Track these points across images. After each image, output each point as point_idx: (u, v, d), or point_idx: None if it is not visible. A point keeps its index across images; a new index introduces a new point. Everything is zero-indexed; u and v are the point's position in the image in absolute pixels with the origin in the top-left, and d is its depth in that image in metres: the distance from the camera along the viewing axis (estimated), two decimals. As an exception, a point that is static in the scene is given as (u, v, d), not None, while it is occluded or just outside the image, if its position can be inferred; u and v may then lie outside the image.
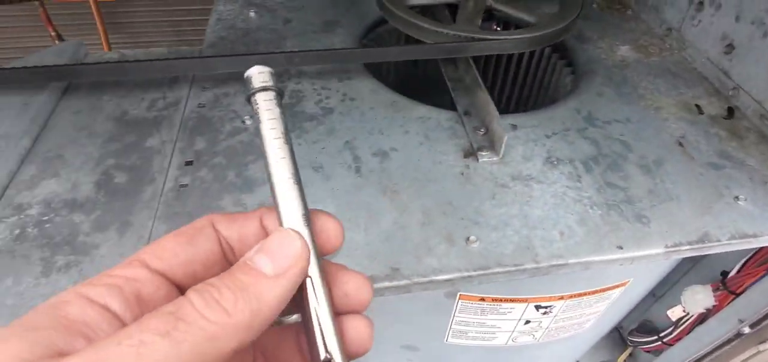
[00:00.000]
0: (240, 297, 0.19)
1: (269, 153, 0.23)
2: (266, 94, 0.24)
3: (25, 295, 0.43)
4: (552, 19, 0.67)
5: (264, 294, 0.20)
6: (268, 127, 0.23)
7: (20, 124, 0.57)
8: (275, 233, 0.22)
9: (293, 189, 0.23)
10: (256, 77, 0.24)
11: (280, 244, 0.21)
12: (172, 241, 0.22)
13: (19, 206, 0.51)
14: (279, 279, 0.20)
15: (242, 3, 0.86)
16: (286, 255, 0.21)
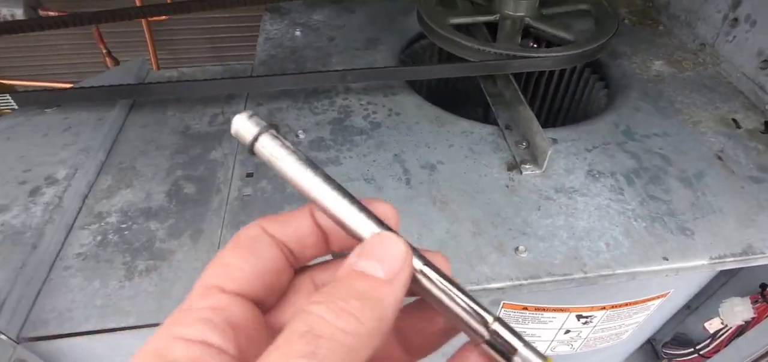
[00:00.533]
0: (366, 304, 0.19)
1: (306, 183, 0.22)
2: (266, 135, 0.22)
3: (112, 296, 0.47)
4: (590, 37, 0.70)
5: (385, 298, 0.20)
6: (290, 161, 0.22)
7: (97, 137, 0.62)
8: (375, 238, 0.21)
9: (350, 201, 0.22)
10: (246, 126, 0.22)
11: (384, 248, 0.21)
12: (236, 257, 0.21)
13: (99, 214, 0.55)
14: (395, 282, 0.20)
15: (288, 23, 0.90)
16: (395, 257, 0.20)
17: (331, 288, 0.19)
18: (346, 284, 0.19)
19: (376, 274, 0.20)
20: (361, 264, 0.20)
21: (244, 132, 0.22)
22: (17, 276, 0.46)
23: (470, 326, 0.21)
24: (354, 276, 0.20)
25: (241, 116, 0.22)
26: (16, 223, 0.51)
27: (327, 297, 0.19)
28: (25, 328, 0.44)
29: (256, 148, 0.22)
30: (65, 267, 0.49)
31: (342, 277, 0.20)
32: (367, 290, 0.19)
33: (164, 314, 0.45)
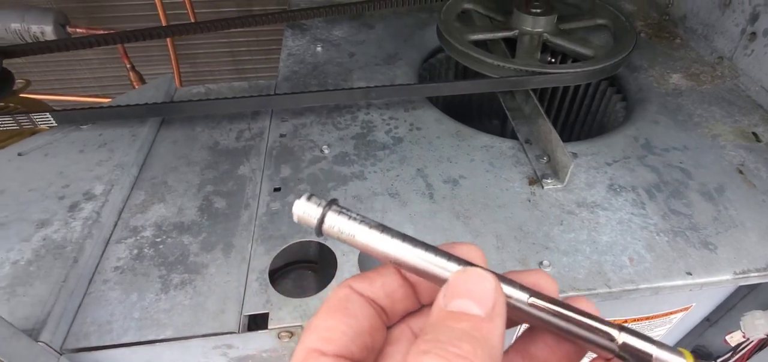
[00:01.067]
0: (477, 345, 0.18)
1: (383, 247, 0.22)
2: (331, 213, 0.22)
3: (149, 309, 0.49)
4: (609, 52, 0.71)
5: (490, 335, 0.19)
6: (361, 231, 0.22)
7: (130, 153, 0.64)
8: (459, 276, 0.21)
9: (430, 251, 0.22)
10: (309, 209, 0.22)
11: (472, 284, 0.20)
12: (331, 320, 0.22)
13: (134, 229, 0.57)
14: (494, 317, 0.20)
15: (309, 39, 0.93)
16: (486, 291, 0.20)
17: (432, 334, 0.19)
18: (446, 327, 0.19)
19: (473, 312, 0.19)
20: (454, 305, 0.20)
21: (309, 215, 0.22)
22: (60, 290, 0.48)
23: (596, 343, 0.20)
24: (452, 318, 0.19)
25: (301, 202, 0.23)
26: (57, 238, 0.54)
27: (434, 344, 0.18)
28: (67, 340, 0.46)
29: (324, 229, 0.22)
30: (104, 280, 0.51)
31: (437, 321, 0.20)
32: (470, 330, 0.19)
33: (200, 326, 0.47)
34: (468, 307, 0.20)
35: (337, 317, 0.22)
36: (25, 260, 0.51)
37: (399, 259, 0.22)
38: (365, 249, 0.22)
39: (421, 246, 0.22)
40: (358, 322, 0.22)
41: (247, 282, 0.51)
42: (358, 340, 0.22)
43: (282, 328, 0.47)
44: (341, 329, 0.21)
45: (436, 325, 0.20)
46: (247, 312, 0.48)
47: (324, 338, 0.21)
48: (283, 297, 0.49)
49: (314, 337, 0.21)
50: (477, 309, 0.20)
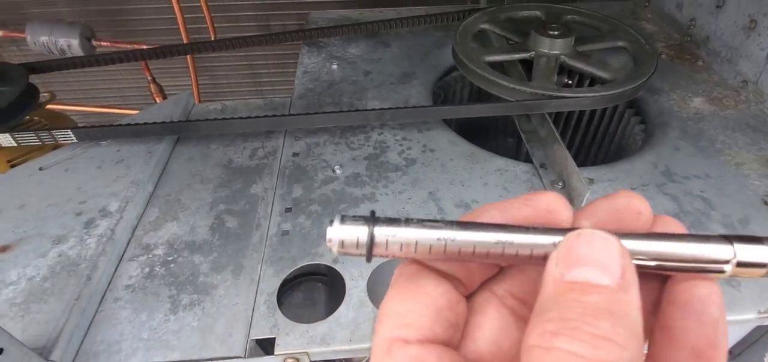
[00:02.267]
0: (616, 322, 0.15)
1: (465, 239, 0.19)
2: (380, 228, 0.19)
3: (158, 330, 0.49)
4: (628, 76, 0.69)
5: (630, 310, 0.16)
6: (426, 235, 0.19)
7: (146, 170, 0.65)
8: (575, 239, 0.17)
9: (511, 229, 0.19)
10: (350, 231, 0.19)
11: (595, 249, 0.17)
12: (406, 303, 0.19)
13: (147, 246, 0.58)
14: (629, 288, 0.16)
15: (325, 56, 0.93)
16: (612, 255, 0.17)
17: (556, 310, 0.16)
18: (572, 302, 0.16)
19: (602, 282, 0.16)
20: (576, 274, 0.17)
21: (352, 240, 0.19)
22: (72, 308, 0.48)
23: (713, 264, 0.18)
24: (576, 290, 0.16)
25: (336, 227, 0.19)
26: (72, 254, 0.55)
27: (562, 324, 0.15)
28: (77, 359, 0.47)
29: (376, 249, 0.19)
30: (115, 298, 0.52)
31: (556, 295, 0.17)
32: (605, 304, 0.16)
33: (207, 349, 0.47)
34: (594, 276, 0.16)
35: (411, 298, 0.20)
36: (41, 276, 0.52)
37: (483, 252, 0.19)
38: (432, 255, 0.19)
39: (504, 229, 0.19)
40: (435, 300, 0.20)
41: (255, 305, 0.51)
42: (439, 319, 0.19)
43: (288, 355, 0.47)
44: (419, 311, 0.19)
45: (557, 300, 0.16)
46: (254, 336, 0.48)
47: (402, 324, 0.19)
48: (290, 322, 0.49)
49: (391, 325, 0.19)
50: (605, 278, 0.16)
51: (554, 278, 0.17)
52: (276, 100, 0.83)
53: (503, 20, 0.87)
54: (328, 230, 0.19)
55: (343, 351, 0.47)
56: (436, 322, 0.19)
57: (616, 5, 1.07)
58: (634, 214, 0.20)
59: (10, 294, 0.51)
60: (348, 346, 0.47)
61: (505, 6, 0.89)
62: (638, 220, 0.20)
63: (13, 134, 0.65)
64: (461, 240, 0.19)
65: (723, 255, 0.18)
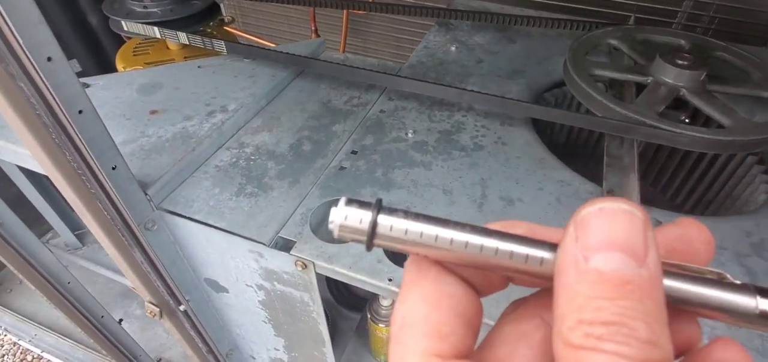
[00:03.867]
0: (653, 324, 0.14)
1: (478, 242, 0.17)
2: (385, 216, 0.18)
3: (221, 203, 0.62)
4: (750, 127, 0.59)
5: (659, 300, 0.14)
6: (427, 228, 0.18)
7: (266, 88, 0.80)
8: (597, 215, 0.15)
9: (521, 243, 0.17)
10: (354, 213, 0.18)
11: (620, 225, 0.15)
12: (437, 311, 0.17)
13: (242, 143, 0.72)
14: (656, 276, 0.14)
15: (449, 38, 0.98)
16: (638, 235, 0.15)
17: (579, 312, 0.14)
18: (601, 301, 0.14)
19: (629, 271, 0.14)
20: (602, 262, 0.14)
21: (354, 223, 0.18)
22: (174, 166, 0.64)
23: (735, 314, 0.16)
24: (602, 282, 0.14)
25: (340, 208, 0.18)
26: (191, 130, 0.71)
27: (605, 329, 0.14)
28: (164, 202, 0.62)
29: (378, 238, 0.17)
30: (205, 171, 0.67)
31: (585, 286, 0.14)
32: (639, 301, 0.14)
33: (245, 229, 0.58)
34: (623, 266, 0.14)
35: (443, 306, 0.17)
36: (166, 138, 0.70)
37: (487, 260, 0.17)
38: (433, 253, 0.18)
39: (517, 240, 0.17)
40: (467, 308, 0.18)
41: (293, 213, 0.60)
42: (470, 331, 0.17)
43: (298, 257, 0.55)
44: (452, 321, 0.17)
45: (588, 295, 0.14)
46: (281, 234, 0.58)
47: (437, 335, 0.17)
48: (311, 235, 0.57)
49: (423, 337, 0.17)
50: (633, 265, 0.14)
51: (576, 263, 0.15)
52: (389, 64, 0.90)
53: (637, 40, 0.80)
54: (331, 210, 0.18)
55: (340, 273, 0.54)
56: (468, 334, 0.17)
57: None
58: (706, 245, 0.18)
59: (144, 142, 0.69)
60: (346, 271, 0.53)
61: (647, 27, 0.82)
62: (708, 252, 0.18)
63: (188, 35, 0.85)
64: (470, 242, 0.17)
65: (746, 303, 0.16)
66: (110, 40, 1.52)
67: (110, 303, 1.16)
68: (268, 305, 0.69)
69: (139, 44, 1.00)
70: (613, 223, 0.15)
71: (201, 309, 0.75)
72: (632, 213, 0.15)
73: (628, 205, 0.15)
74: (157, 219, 0.61)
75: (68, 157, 0.50)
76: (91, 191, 0.53)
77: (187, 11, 0.88)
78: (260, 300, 0.68)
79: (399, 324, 0.17)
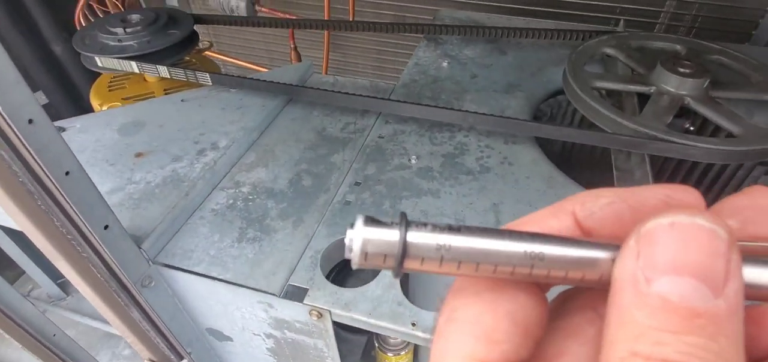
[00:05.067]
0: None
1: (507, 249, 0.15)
2: (413, 231, 0.15)
3: (223, 251, 0.58)
4: (762, 135, 0.59)
5: (736, 342, 0.12)
6: (473, 241, 0.15)
7: (256, 120, 0.76)
8: (663, 230, 0.13)
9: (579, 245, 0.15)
10: (378, 234, 0.15)
11: (695, 248, 0.12)
12: (488, 308, 0.15)
13: (237, 182, 0.68)
14: (736, 311, 0.12)
15: (440, 53, 0.96)
16: (717, 261, 0.12)
17: (650, 342, 0.12)
18: (674, 336, 0.12)
19: (706, 306, 0.12)
20: (668, 287, 0.12)
21: (380, 245, 0.15)
22: (168, 214, 0.60)
23: None
24: (674, 314, 0.12)
25: (358, 229, 0.15)
26: (181, 172, 0.67)
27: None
28: (160, 254, 0.58)
29: (408, 260, 0.15)
30: (201, 216, 0.62)
31: (645, 313, 0.12)
32: (711, 333, 0.12)
33: (252, 279, 0.54)
34: (695, 297, 0.12)
35: (498, 309, 0.15)
36: (155, 183, 0.65)
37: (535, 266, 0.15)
38: (478, 272, 0.15)
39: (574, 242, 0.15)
40: (526, 312, 0.15)
41: (302, 257, 0.57)
42: (528, 338, 0.15)
43: (313, 307, 0.52)
44: (507, 326, 0.15)
45: (636, 327, 0.12)
46: (292, 282, 0.54)
47: (488, 340, 0.14)
48: (324, 280, 0.54)
49: (471, 338, 0.15)
50: (709, 296, 0.12)
51: (635, 281, 0.13)
52: (381, 84, 0.88)
53: (633, 48, 0.79)
54: (348, 233, 0.15)
55: (360, 321, 0.51)
56: (523, 345, 0.15)
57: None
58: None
59: (132, 190, 0.64)
60: (365, 318, 0.50)
61: (641, 33, 0.82)
62: None
63: (170, 68, 0.80)
64: (516, 254, 0.14)
65: None
66: (78, 69, 1.45)
67: (96, 345, 1.09)
68: (278, 352, 0.65)
69: (114, 78, 0.94)
70: (687, 242, 0.12)
71: (203, 360, 0.70)
72: (714, 231, 0.12)
73: (708, 221, 0.13)
74: (153, 275, 0.57)
75: (56, 223, 0.45)
76: (83, 255, 0.49)
77: (165, 42, 0.84)
78: (269, 347, 0.64)
79: (446, 317, 0.16)
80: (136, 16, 0.86)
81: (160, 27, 0.86)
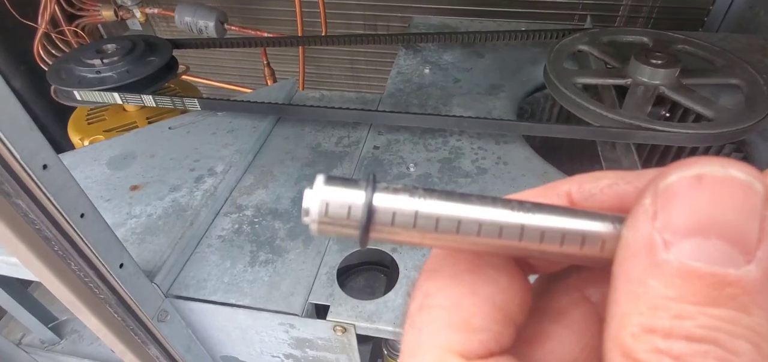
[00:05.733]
0: (761, 341, 0.10)
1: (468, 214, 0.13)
2: (381, 192, 0.13)
3: (237, 277, 0.58)
4: (734, 117, 0.64)
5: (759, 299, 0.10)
6: (445, 206, 0.13)
7: (249, 142, 0.75)
8: (687, 183, 0.11)
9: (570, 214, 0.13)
10: (340, 195, 0.13)
11: (725, 204, 0.11)
12: (467, 295, 0.14)
13: (239, 206, 0.67)
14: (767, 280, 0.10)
15: (420, 60, 0.98)
16: (752, 218, 0.10)
17: (669, 314, 0.10)
18: (687, 299, 0.10)
19: (732, 268, 0.10)
20: (693, 253, 0.11)
21: (342, 204, 0.13)
22: (176, 245, 0.59)
23: None
24: (689, 282, 0.10)
25: (318, 188, 0.13)
26: (182, 202, 0.66)
27: (688, 347, 0.10)
28: (172, 287, 0.57)
29: (376, 225, 0.13)
30: (208, 244, 0.62)
31: (659, 293, 0.11)
32: (743, 305, 0.10)
33: (272, 302, 0.54)
34: (722, 258, 0.10)
35: (478, 292, 0.13)
36: (157, 215, 0.64)
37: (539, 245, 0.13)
38: (463, 239, 0.13)
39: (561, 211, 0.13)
40: (509, 298, 0.14)
41: (317, 274, 0.57)
42: (509, 327, 0.14)
43: (338, 323, 0.52)
44: (486, 310, 0.13)
45: (651, 298, 0.11)
46: (312, 300, 0.54)
47: (465, 327, 0.13)
48: (344, 295, 0.55)
49: (446, 328, 0.13)
50: (739, 257, 0.10)
51: (651, 246, 0.11)
52: (367, 96, 0.89)
53: (605, 43, 0.84)
54: (306, 194, 0.13)
55: (386, 331, 0.52)
56: (505, 333, 0.13)
57: (745, 39, 0.97)
58: None
59: (133, 224, 0.63)
60: (391, 327, 0.51)
61: (610, 28, 0.87)
62: None
63: (155, 97, 0.79)
64: (505, 221, 0.13)
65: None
66: (41, 103, 1.38)
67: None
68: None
69: (92, 111, 0.91)
70: (717, 198, 0.10)
71: (216, 390, 0.69)
72: (749, 185, 0.11)
73: (744, 173, 0.11)
74: (168, 309, 0.56)
75: (73, 266, 0.44)
76: (100, 297, 0.47)
77: (146, 70, 0.82)
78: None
79: (419, 303, 0.14)
80: (112, 45, 0.84)
81: (138, 55, 0.84)
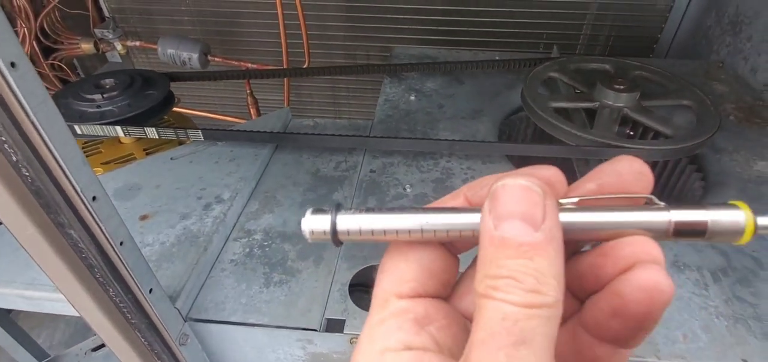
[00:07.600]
0: (540, 277, 0.17)
1: (411, 224, 0.21)
2: (342, 216, 0.22)
3: (254, 298, 0.61)
4: (689, 133, 0.73)
5: (549, 259, 0.17)
6: (382, 219, 0.22)
7: (252, 169, 0.79)
8: (503, 190, 0.19)
9: (456, 212, 0.21)
10: (318, 221, 0.23)
11: (515, 199, 0.18)
12: (403, 260, 0.22)
13: (248, 231, 0.71)
14: (551, 239, 0.18)
15: (405, 88, 1.04)
16: (536, 206, 0.18)
17: (494, 267, 0.18)
18: (505, 262, 0.17)
19: (522, 238, 0.18)
20: (505, 229, 0.18)
21: (320, 227, 0.22)
22: (192, 270, 0.62)
23: (651, 231, 0.19)
24: (508, 248, 0.18)
25: (308, 218, 0.23)
26: (193, 228, 0.68)
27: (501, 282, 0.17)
28: (192, 310, 0.60)
29: (340, 234, 0.22)
30: (222, 268, 0.65)
31: (492, 250, 0.18)
32: (530, 256, 0.17)
33: (290, 319, 0.58)
34: (521, 233, 0.18)
35: (406, 257, 0.22)
36: (170, 243, 0.66)
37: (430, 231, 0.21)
38: (392, 237, 0.22)
39: (456, 210, 0.21)
40: (432, 261, 0.22)
41: (330, 291, 0.61)
42: (429, 275, 0.22)
43: (354, 335, 0.56)
44: (412, 267, 0.22)
45: (493, 257, 0.18)
46: (328, 316, 0.58)
47: (397, 279, 0.22)
48: (358, 309, 0.59)
49: (390, 279, 0.22)
50: (529, 231, 0.18)
51: (489, 230, 0.18)
52: (359, 122, 0.94)
53: (572, 70, 0.93)
54: (302, 221, 0.23)
55: (400, 339, 0.56)
56: (426, 278, 0.22)
57: (690, 64, 1.09)
58: (636, 175, 0.21)
59: (147, 252, 0.65)
60: (405, 335, 0.56)
61: (576, 57, 0.96)
62: (640, 181, 0.21)
63: (158, 129, 0.81)
64: (411, 226, 0.21)
65: (660, 222, 0.20)
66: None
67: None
68: (307, 387, 0.68)
69: (87, 144, 0.92)
70: (513, 196, 0.18)
71: (227, 411, 0.71)
72: (530, 187, 0.18)
73: (526, 180, 0.19)
74: (188, 332, 0.58)
75: (111, 292, 0.47)
76: (132, 321, 0.50)
77: (146, 104, 0.84)
78: (299, 384, 0.67)
79: (379, 270, 0.23)
80: (110, 80, 0.86)
81: (137, 89, 0.86)
